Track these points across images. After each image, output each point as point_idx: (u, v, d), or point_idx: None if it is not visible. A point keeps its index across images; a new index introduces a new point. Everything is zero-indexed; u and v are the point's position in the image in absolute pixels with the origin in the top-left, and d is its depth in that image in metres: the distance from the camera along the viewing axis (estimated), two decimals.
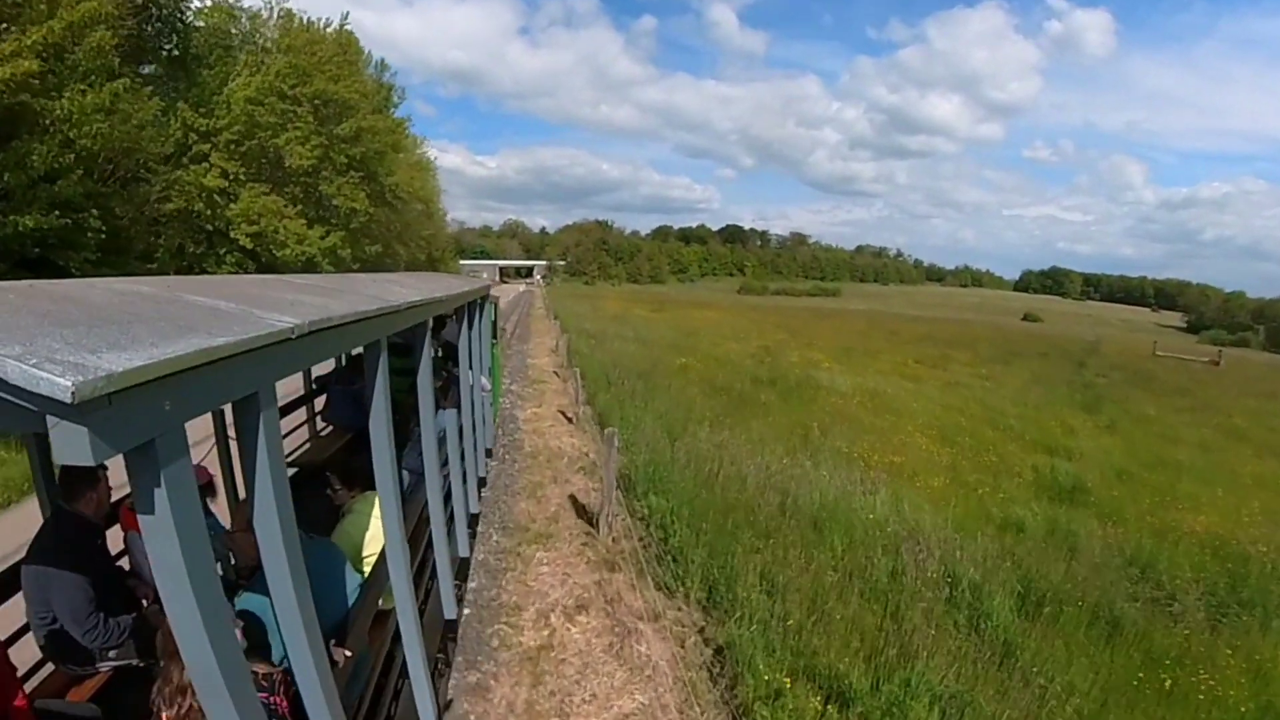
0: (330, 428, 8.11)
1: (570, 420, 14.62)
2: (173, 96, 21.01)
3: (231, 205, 22.04)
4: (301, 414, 8.09)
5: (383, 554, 3.82)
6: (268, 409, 1.80)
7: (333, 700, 2.33)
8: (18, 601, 3.48)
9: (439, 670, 5.22)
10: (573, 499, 9.86)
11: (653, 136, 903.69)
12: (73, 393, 1.01)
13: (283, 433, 7.42)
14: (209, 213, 21.47)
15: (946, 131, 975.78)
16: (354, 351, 4.94)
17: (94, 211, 15.52)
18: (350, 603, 3.60)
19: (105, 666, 3.54)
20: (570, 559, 8.09)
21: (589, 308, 53.07)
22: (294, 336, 1.84)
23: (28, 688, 3.27)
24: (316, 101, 24.88)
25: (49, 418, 1.07)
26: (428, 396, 4.32)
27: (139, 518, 1.34)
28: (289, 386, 9.24)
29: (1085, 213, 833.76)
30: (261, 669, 2.68)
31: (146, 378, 1.19)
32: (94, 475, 3.44)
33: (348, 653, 3.32)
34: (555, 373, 21.23)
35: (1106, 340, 64.45)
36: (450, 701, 5.54)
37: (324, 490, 4.75)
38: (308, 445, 7.90)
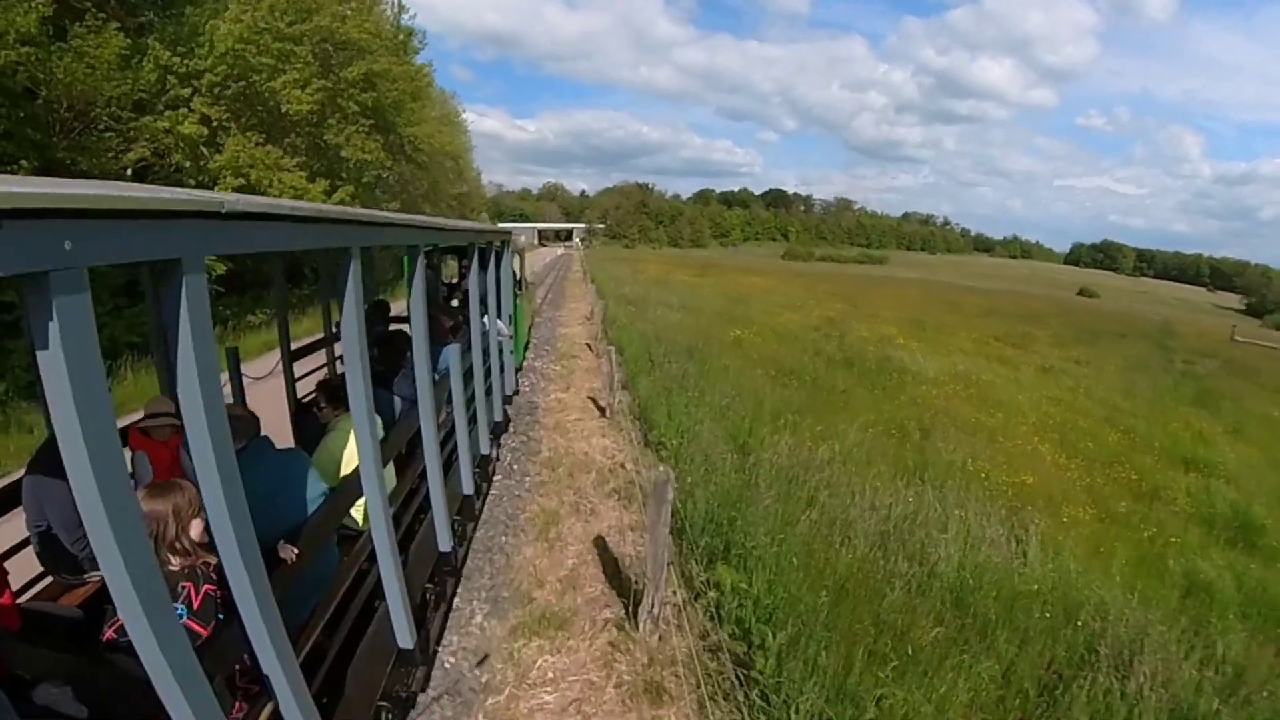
0: None
1: (603, 412, 11.48)
2: (155, 38, 17.83)
3: (216, 156, 18.90)
4: (322, 356, 7.83)
5: (357, 471, 3.54)
6: (192, 276, 1.73)
7: (261, 590, 2.19)
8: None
9: (427, 601, 4.98)
10: (600, 546, 6.77)
11: (694, 99, 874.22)
12: None
13: (302, 374, 6.78)
14: (190, 165, 18.38)
15: (997, 96, 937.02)
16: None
17: (23, 163, 12.69)
18: (311, 511, 3.60)
19: (95, 576, 3.54)
20: (591, 672, 5.00)
21: (628, 271, 49.56)
22: (223, 210, 1.78)
23: (27, 595, 3.54)
24: (323, 43, 21.57)
25: None
26: (419, 325, 4.30)
27: (36, 354, 1.35)
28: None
29: (1139, 185, 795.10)
30: (214, 560, 2.59)
31: (38, 205, 1.20)
32: None
33: (295, 550, 3.18)
34: (588, 345, 18.21)
35: (1176, 322, 59.32)
36: (441, 635, 5.26)
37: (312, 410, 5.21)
38: None
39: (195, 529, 2.71)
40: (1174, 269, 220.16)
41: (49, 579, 3.70)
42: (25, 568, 3.56)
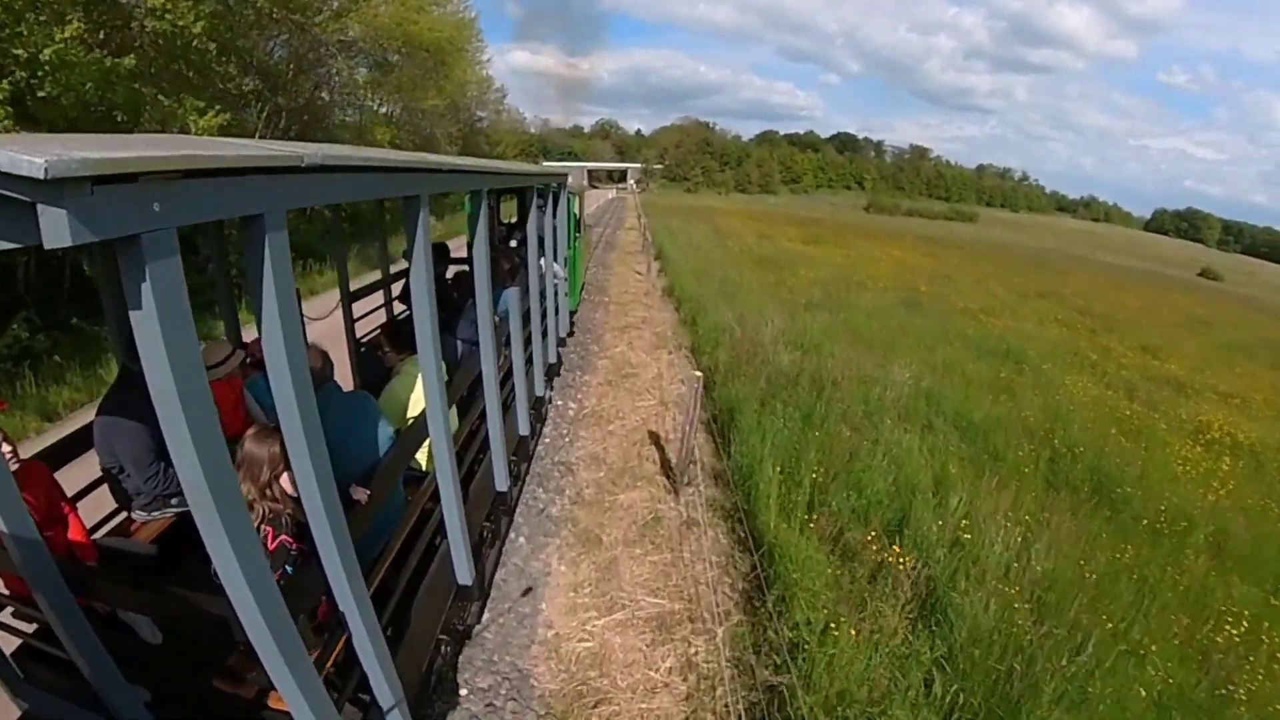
0: (408, 311, 7.64)
1: None
2: None
3: None
4: (379, 298, 7.10)
5: (424, 414, 3.49)
6: (274, 232, 1.69)
7: (340, 534, 2.23)
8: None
9: (484, 539, 4.95)
10: None
11: (754, 38, 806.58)
12: (45, 169, 0.97)
13: (361, 314, 6.58)
14: None
15: (1073, 46, 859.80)
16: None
17: None
18: (381, 454, 3.50)
19: (169, 512, 3.54)
20: None
21: (708, 234, 32.82)
22: (303, 165, 1.72)
23: (101, 531, 3.53)
24: None
25: (39, 206, 1.05)
26: (482, 268, 4.22)
27: (130, 314, 1.32)
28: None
29: (1219, 150, 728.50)
30: (300, 517, 2.57)
31: (127, 170, 1.16)
32: None
33: (366, 491, 3.17)
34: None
35: None
36: (496, 570, 5.22)
37: (375, 352, 4.99)
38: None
39: (287, 481, 2.60)
40: (1264, 245, 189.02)
41: (122, 515, 3.65)
42: (97, 508, 3.52)
